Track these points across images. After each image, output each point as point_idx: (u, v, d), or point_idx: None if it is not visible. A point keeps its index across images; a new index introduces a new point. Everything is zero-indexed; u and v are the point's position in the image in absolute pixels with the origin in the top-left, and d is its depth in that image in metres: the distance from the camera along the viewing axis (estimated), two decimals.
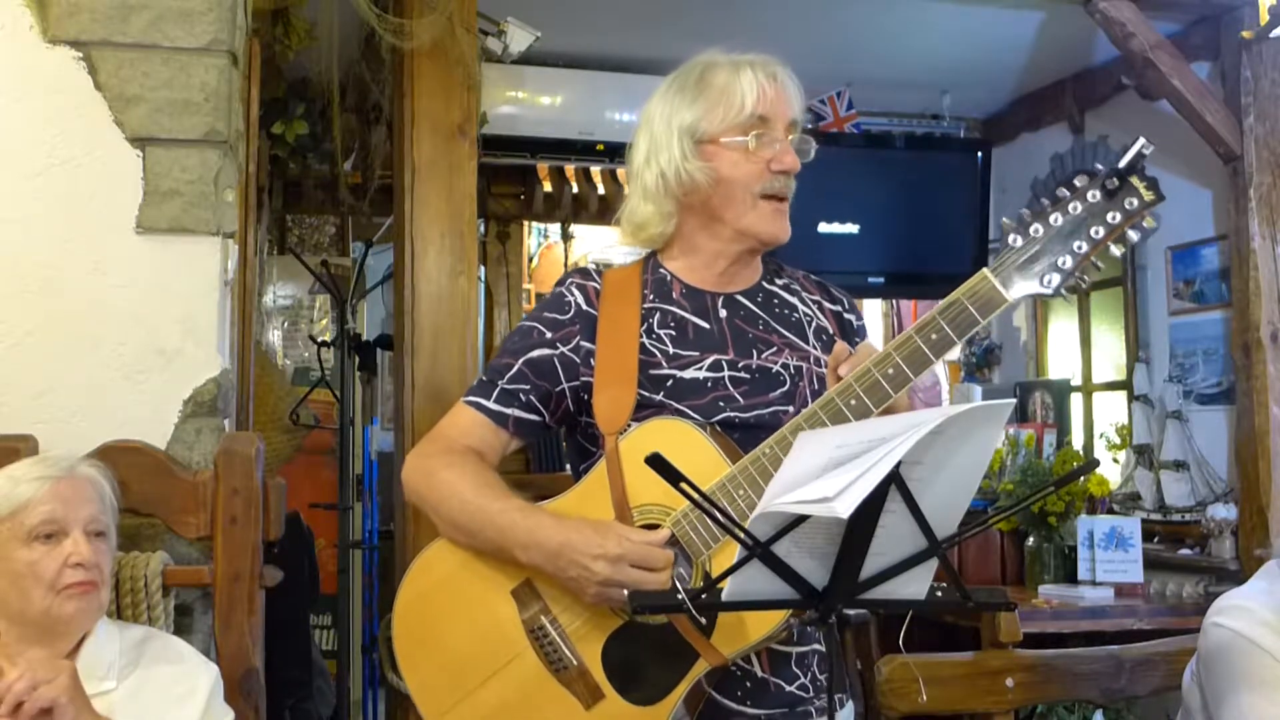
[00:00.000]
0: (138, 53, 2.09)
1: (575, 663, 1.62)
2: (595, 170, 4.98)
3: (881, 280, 4.71)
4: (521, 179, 5.25)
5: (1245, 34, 3.68)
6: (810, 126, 4.70)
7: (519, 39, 3.42)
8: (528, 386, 1.72)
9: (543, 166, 5.00)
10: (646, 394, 1.66)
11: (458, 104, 2.98)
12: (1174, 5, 3.81)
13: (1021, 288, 1.56)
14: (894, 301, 5.55)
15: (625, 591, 1.53)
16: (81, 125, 2.08)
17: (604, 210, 5.12)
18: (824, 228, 4.55)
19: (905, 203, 4.61)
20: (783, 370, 1.71)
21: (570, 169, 5.04)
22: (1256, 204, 3.72)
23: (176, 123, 2.09)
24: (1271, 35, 3.61)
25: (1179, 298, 4.18)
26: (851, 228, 4.57)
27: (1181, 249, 4.15)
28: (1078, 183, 1.57)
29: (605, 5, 3.87)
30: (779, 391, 1.70)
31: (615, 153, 4.34)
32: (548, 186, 5.24)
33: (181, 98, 2.10)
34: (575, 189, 5.18)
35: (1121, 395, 4.48)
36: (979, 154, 4.75)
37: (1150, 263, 4.32)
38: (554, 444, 4.65)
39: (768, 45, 1.80)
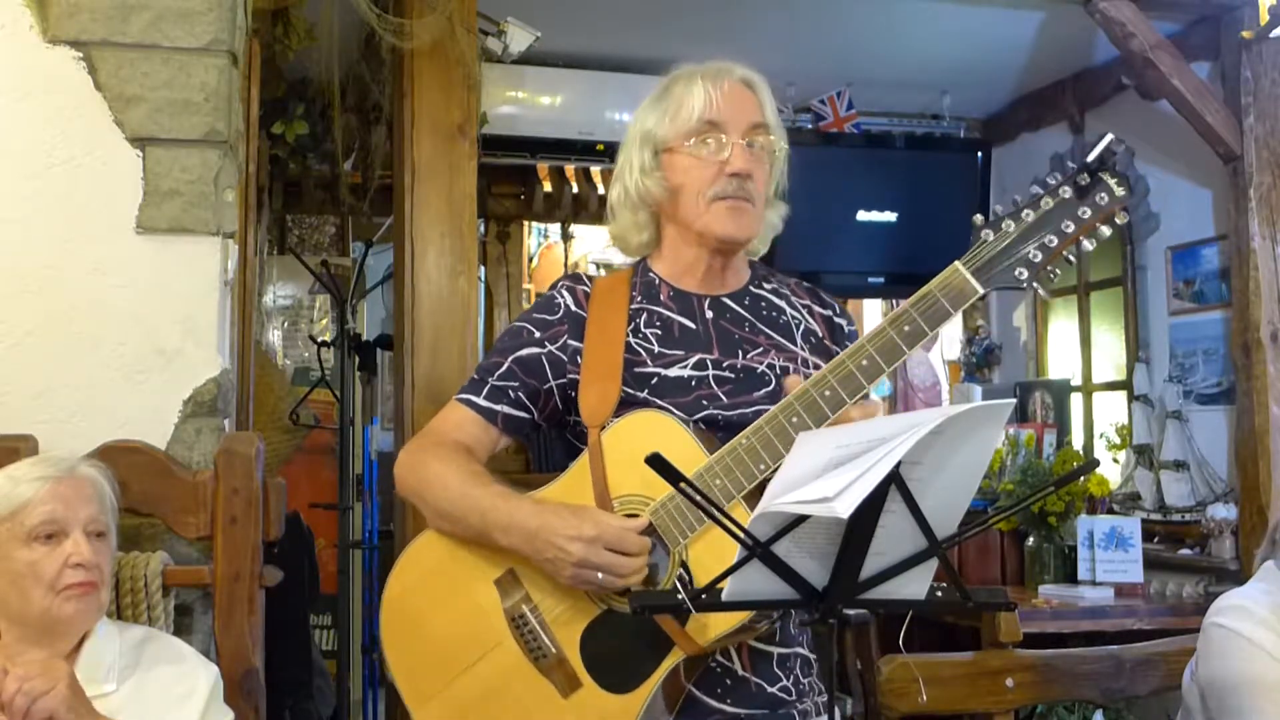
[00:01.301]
0: (138, 53, 2.09)
1: (554, 651, 1.64)
2: (595, 170, 4.97)
3: (881, 280, 4.72)
4: (521, 179, 5.25)
5: (1245, 34, 3.68)
6: (810, 126, 4.74)
7: (519, 39, 3.42)
8: (516, 384, 1.75)
9: (543, 166, 5.00)
10: (631, 391, 1.69)
11: (458, 104, 2.98)
12: (1174, 5, 3.81)
13: (993, 280, 1.59)
14: (894, 301, 5.55)
15: (600, 575, 1.56)
16: (81, 125, 2.08)
17: (604, 210, 5.12)
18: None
19: (905, 203, 4.61)
20: (768, 370, 1.73)
21: (570, 169, 5.04)
22: (1256, 204, 3.72)
23: (176, 123, 2.09)
24: (1271, 35, 3.61)
25: (1179, 298, 4.18)
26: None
27: (1181, 249, 4.15)
28: (1050, 179, 1.60)
29: (605, 5, 3.87)
30: (763, 391, 1.72)
31: (615, 153, 4.33)
32: (548, 186, 5.24)
33: (181, 98, 2.10)
34: (575, 189, 5.19)
35: (1121, 395, 4.48)
36: (979, 154, 4.75)
37: (1150, 263, 4.32)
38: (554, 443, 4.65)
39: (768, 45, 1.82)
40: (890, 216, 4.62)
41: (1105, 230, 1.60)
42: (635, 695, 1.60)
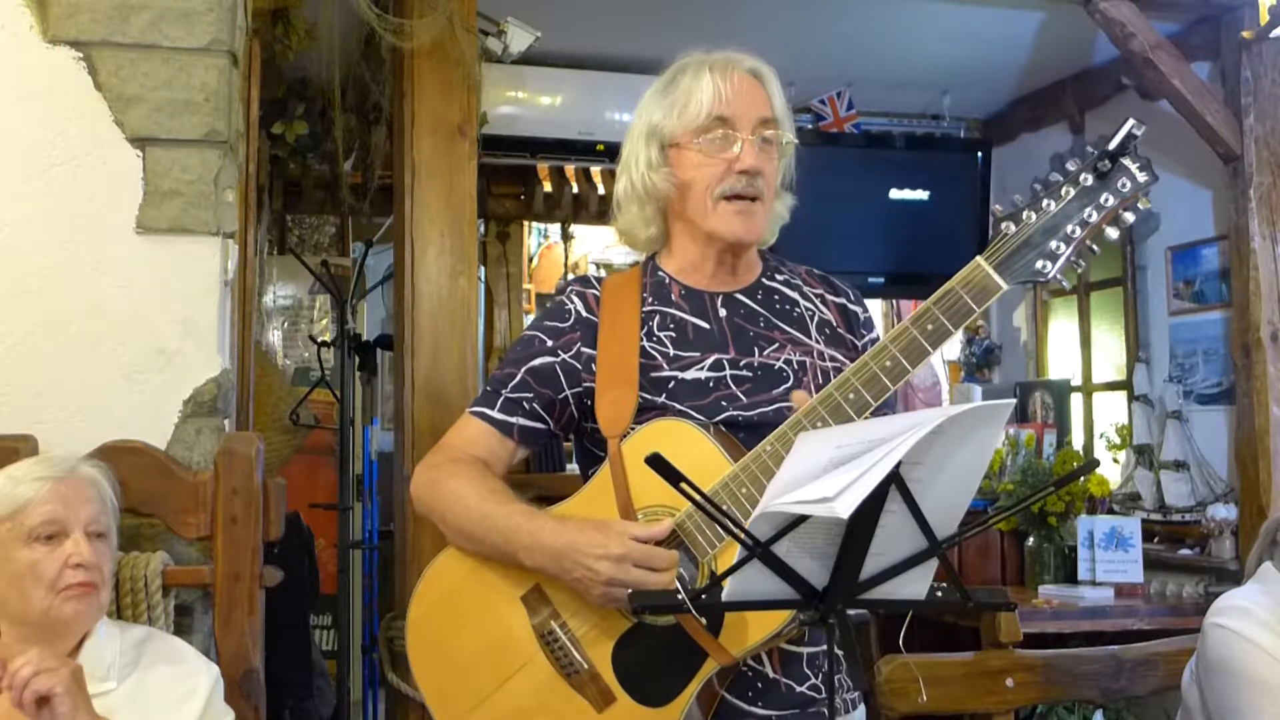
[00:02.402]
0: (138, 53, 2.09)
1: (586, 666, 1.62)
2: (595, 170, 4.97)
3: (881, 280, 4.72)
4: (521, 179, 5.25)
5: (1245, 34, 3.68)
6: (810, 126, 4.74)
7: (519, 39, 3.42)
8: (531, 395, 1.73)
9: (543, 166, 5.00)
10: (649, 397, 1.66)
11: (458, 104, 2.98)
12: (1174, 5, 3.81)
13: (1016, 275, 1.54)
14: (894, 301, 5.55)
15: (629, 592, 1.53)
16: (81, 125, 2.07)
17: (604, 210, 5.12)
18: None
19: (905, 202, 4.61)
20: (785, 366, 1.71)
21: (570, 169, 5.04)
22: (1256, 204, 3.72)
23: (176, 123, 2.09)
24: (1271, 35, 3.61)
25: (1179, 298, 4.18)
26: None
27: (1181, 249, 4.15)
28: (1070, 166, 1.55)
29: (605, 5, 3.87)
30: (782, 388, 1.69)
31: (615, 153, 4.29)
32: (548, 186, 5.24)
33: (181, 98, 2.10)
34: (575, 189, 5.19)
35: (1121, 395, 4.48)
36: (979, 154, 4.75)
37: (1150, 263, 4.32)
38: (554, 445, 4.65)
39: (768, 45, 1.80)
40: (889, 217, 4.62)
41: (1129, 217, 1.54)
42: (671, 708, 1.59)
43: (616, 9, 3.88)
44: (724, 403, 1.67)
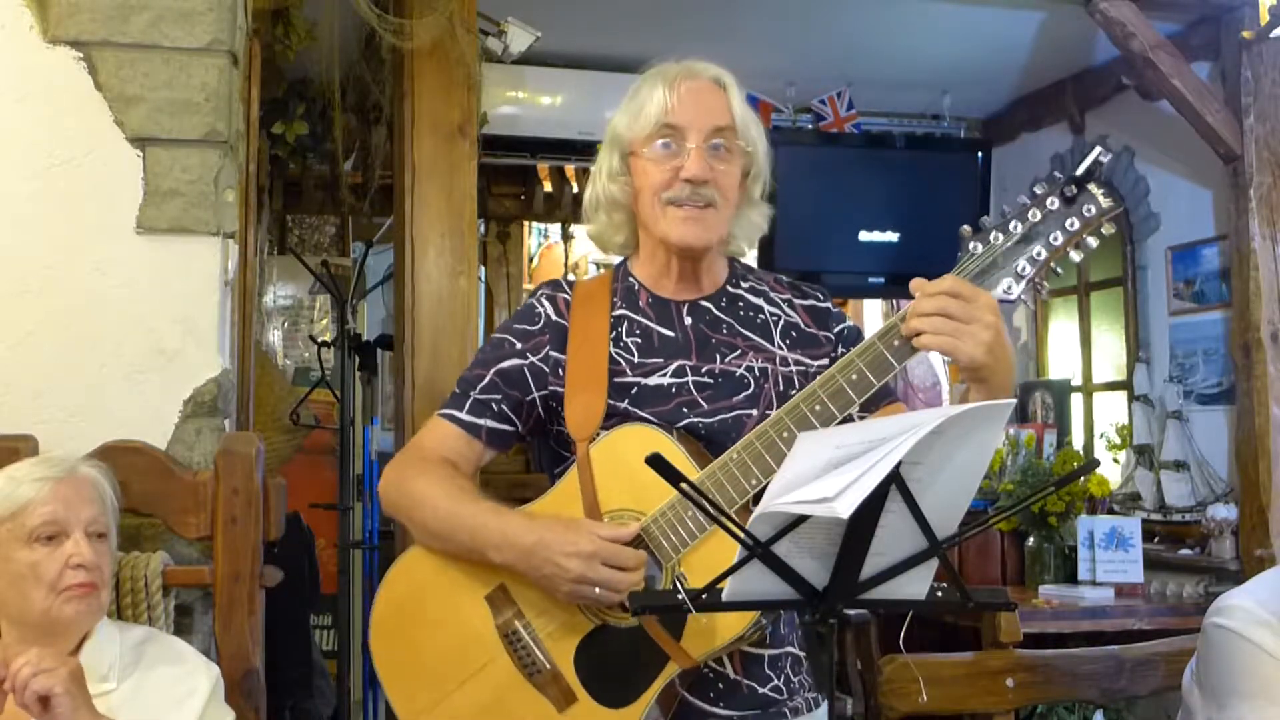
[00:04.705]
0: (138, 53, 2.09)
1: (548, 666, 1.63)
2: None
3: (881, 280, 4.72)
4: (521, 179, 5.26)
5: (1245, 34, 3.68)
6: (810, 126, 4.74)
7: (519, 39, 3.42)
8: (499, 396, 1.74)
9: (543, 166, 5.01)
10: (613, 402, 1.67)
11: (458, 104, 2.98)
12: (1174, 5, 3.81)
13: None
14: (894, 301, 5.55)
15: (597, 589, 1.55)
16: (81, 125, 2.07)
17: None
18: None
19: (905, 203, 4.62)
20: (746, 373, 1.72)
21: (570, 169, 5.04)
22: (1256, 204, 3.72)
23: (176, 123, 2.09)
24: (1271, 35, 3.62)
25: (1179, 298, 4.18)
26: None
27: (1181, 249, 4.16)
28: (1037, 190, 1.58)
29: (605, 5, 3.87)
30: (742, 395, 1.70)
31: None
32: (548, 186, 5.24)
33: (181, 98, 2.10)
34: (575, 189, 5.19)
35: (1121, 395, 4.48)
36: (979, 154, 4.75)
37: (1150, 263, 4.32)
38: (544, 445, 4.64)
39: (768, 45, 1.81)
40: (888, 218, 4.62)
41: (1092, 242, 1.57)
42: (632, 709, 1.60)
43: (616, 9, 3.89)
44: (685, 409, 1.68)
